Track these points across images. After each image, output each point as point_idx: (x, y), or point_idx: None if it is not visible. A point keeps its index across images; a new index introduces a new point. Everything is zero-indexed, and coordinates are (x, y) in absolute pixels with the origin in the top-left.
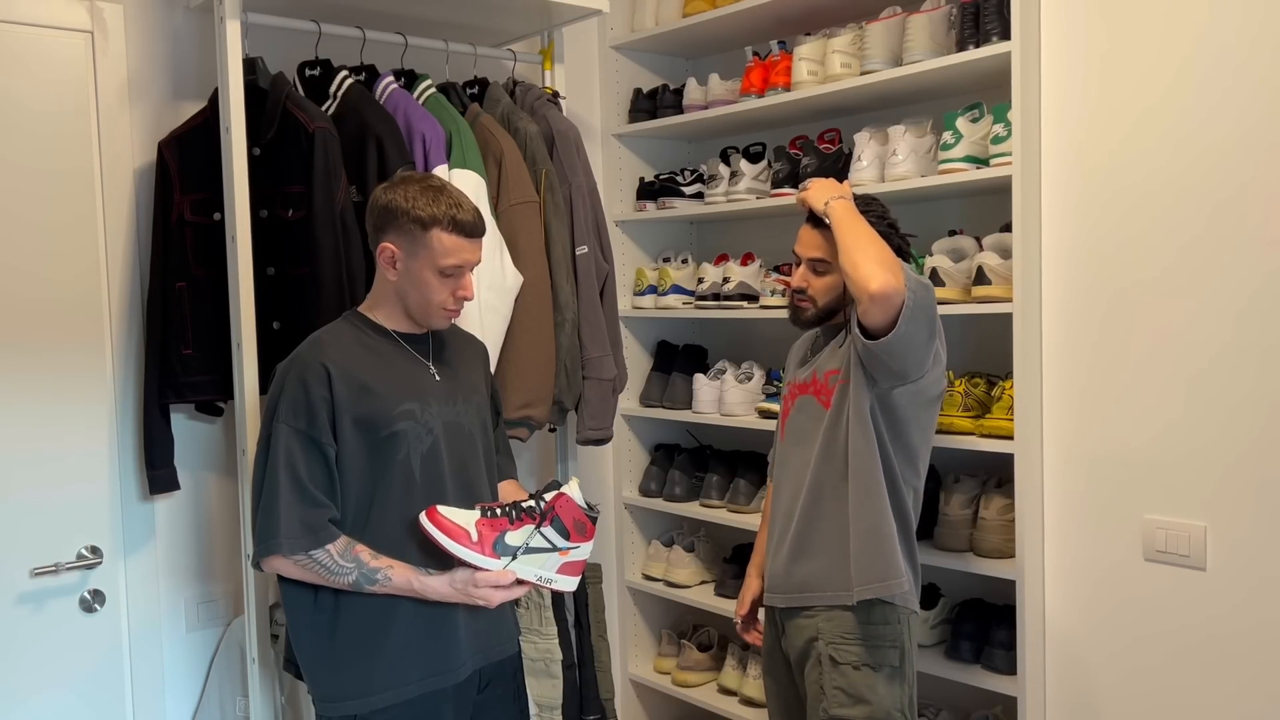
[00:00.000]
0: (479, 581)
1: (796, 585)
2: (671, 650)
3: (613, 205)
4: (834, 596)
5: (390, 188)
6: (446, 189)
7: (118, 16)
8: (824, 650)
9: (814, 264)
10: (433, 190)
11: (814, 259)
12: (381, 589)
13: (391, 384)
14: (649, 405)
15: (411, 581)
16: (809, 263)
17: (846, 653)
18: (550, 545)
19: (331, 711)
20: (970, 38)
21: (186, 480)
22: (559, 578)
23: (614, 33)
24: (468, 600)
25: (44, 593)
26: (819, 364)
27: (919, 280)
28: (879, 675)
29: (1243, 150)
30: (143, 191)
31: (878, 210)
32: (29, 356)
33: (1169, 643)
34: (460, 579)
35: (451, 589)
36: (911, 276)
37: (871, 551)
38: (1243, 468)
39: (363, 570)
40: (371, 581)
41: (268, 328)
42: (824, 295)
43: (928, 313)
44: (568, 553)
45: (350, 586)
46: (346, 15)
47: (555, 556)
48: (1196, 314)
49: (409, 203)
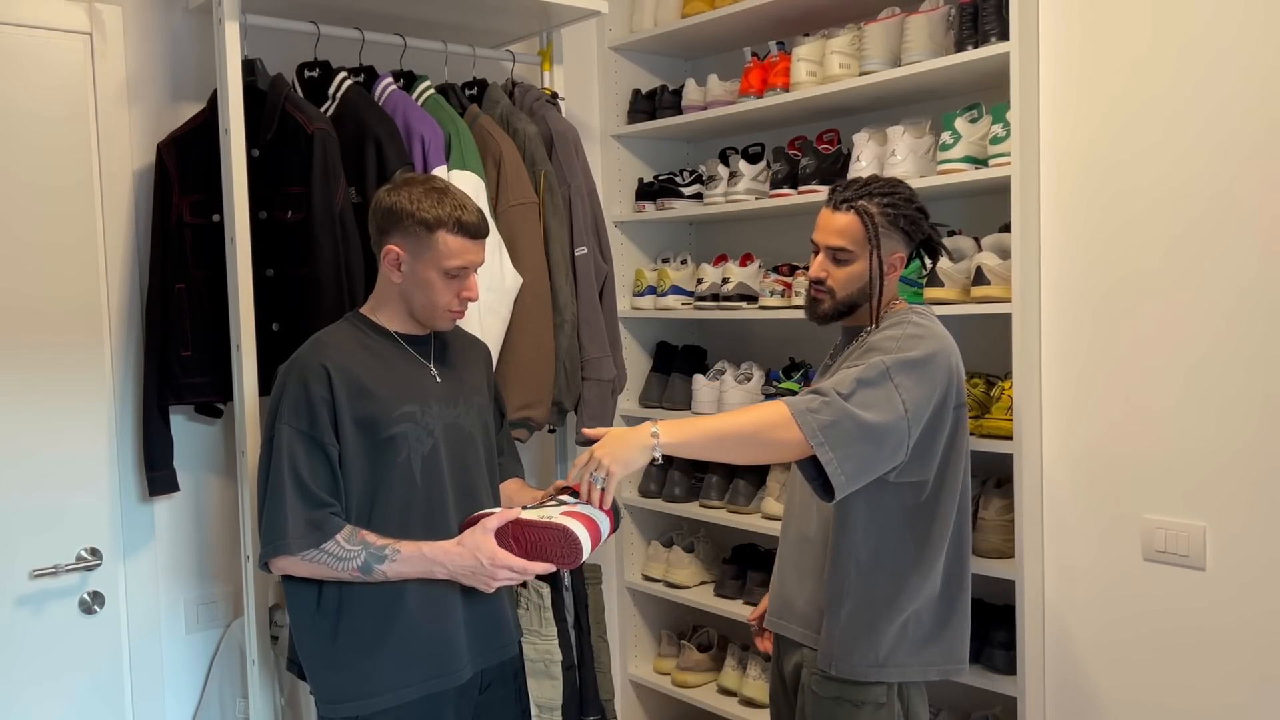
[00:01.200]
0: (486, 528)
1: (781, 610)
2: (671, 651)
3: (612, 206)
4: (814, 637)
5: (394, 190)
6: (450, 190)
7: (116, 18)
8: (807, 680)
9: (834, 252)
10: (437, 192)
11: (834, 247)
12: (390, 566)
13: (391, 386)
14: (648, 406)
15: (421, 548)
16: (828, 251)
17: (828, 687)
18: (560, 503)
19: (333, 713)
20: (969, 38)
21: (186, 482)
22: (564, 519)
23: (613, 34)
24: (473, 564)
25: (43, 594)
26: (821, 380)
27: (842, 399)
28: (861, 712)
29: (1242, 151)
30: (142, 193)
31: (905, 193)
32: (28, 357)
33: (1168, 642)
34: (468, 541)
35: (460, 547)
36: (827, 405)
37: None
38: (1242, 468)
39: (370, 550)
40: (380, 560)
41: (267, 329)
42: (844, 287)
43: (852, 429)
44: (576, 505)
45: (359, 571)
46: (345, 17)
47: (563, 508)
48: (1196, 314)
49: (413, 205)
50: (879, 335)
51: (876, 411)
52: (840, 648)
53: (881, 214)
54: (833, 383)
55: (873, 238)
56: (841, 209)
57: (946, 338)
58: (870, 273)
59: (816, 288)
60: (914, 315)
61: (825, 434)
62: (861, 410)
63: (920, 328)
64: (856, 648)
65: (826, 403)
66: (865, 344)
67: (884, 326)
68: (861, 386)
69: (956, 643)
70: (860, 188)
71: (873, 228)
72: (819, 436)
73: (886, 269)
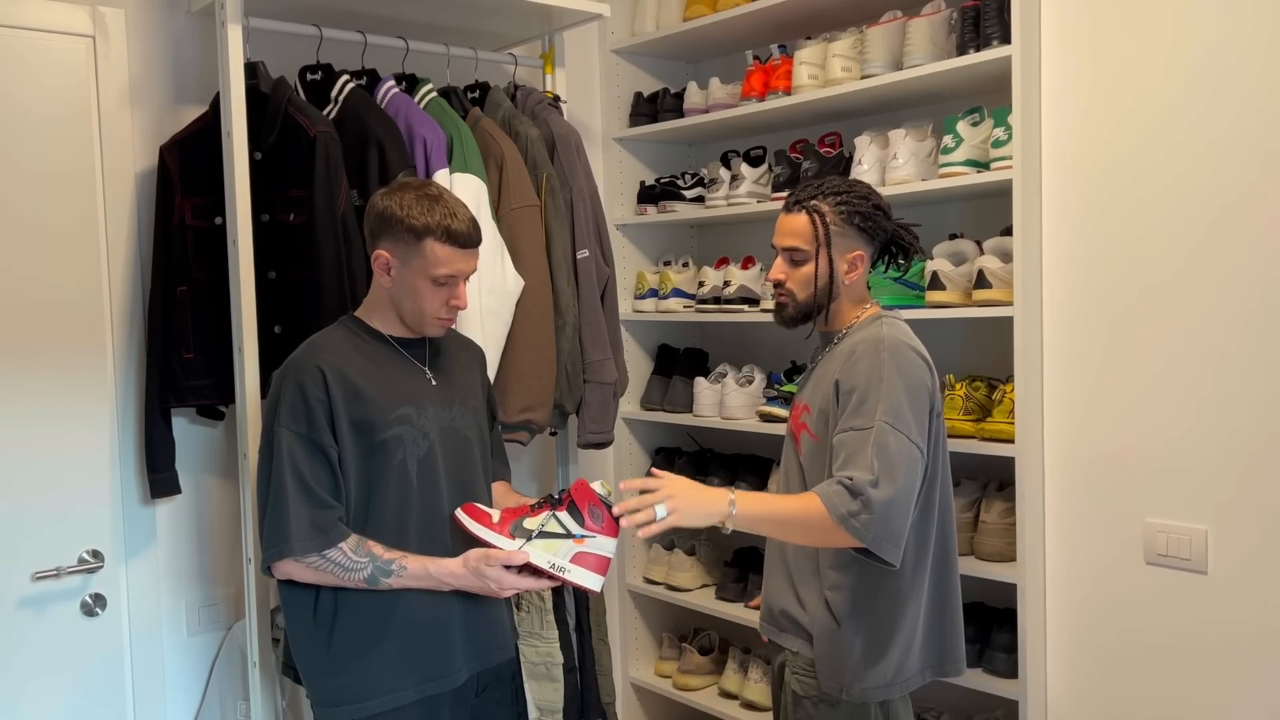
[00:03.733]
0: (491, 560)
1: (766, 614)
2: (672, 654)
3: (613, 209)
4: (797, 641)
5: (388, 194)
6: (443, 197)
7: (119, 21)
8: (789, 679)
9: (790, 253)
10: (429, 199)
11: (789, 248)
12: (396, 580)
13: (386, 389)
14: (650, 408)
15: (427, 566)
16: (784, 253)
17: (808, 685)
18: (565, 531)
19: (329, 717)
20: (971, 41)
21: (188, 484)
22: (574, 568)
23: (614, 37)
24: (479, 581)
25: (45, 597)
26: (804, 389)
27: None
28: (837, 711)
29: (1244, 154)
30: (144, 195)
31: (861, 191)
32: (30, 360)
33: (1170, 646)
34: (473, 558)
35: (464, 568)
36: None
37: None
38: (1244, 470)
39: (377, 564)
40: (386, 574)
41: (269, 331)
42: (803, 288)
43: (892, 512)
44: (583, 541)
45: (364, 582)
46: (348, 20)
47: (570, 544)
48: (1197, 317)
49: (404, 211)
50: (860, 365)
51: (901, 471)
52: (851, 674)
53: (834, 212)
54: (852, 467)
55: (823, 236)
56: (795, 210)
57: (919, 349)
58: (817, 272)
59: (778, 291)
60: (885, 326)
61: (871, 531)
62: (890, 487)
63: (896, 346)
64: (866, 674)
65: (864, 502)
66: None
67: (855, 337)
68: (880, 458)
69: (952, 642)
70: (815, 188)
71: (823, 226)
72: (867, 536)
73: (846, 268)
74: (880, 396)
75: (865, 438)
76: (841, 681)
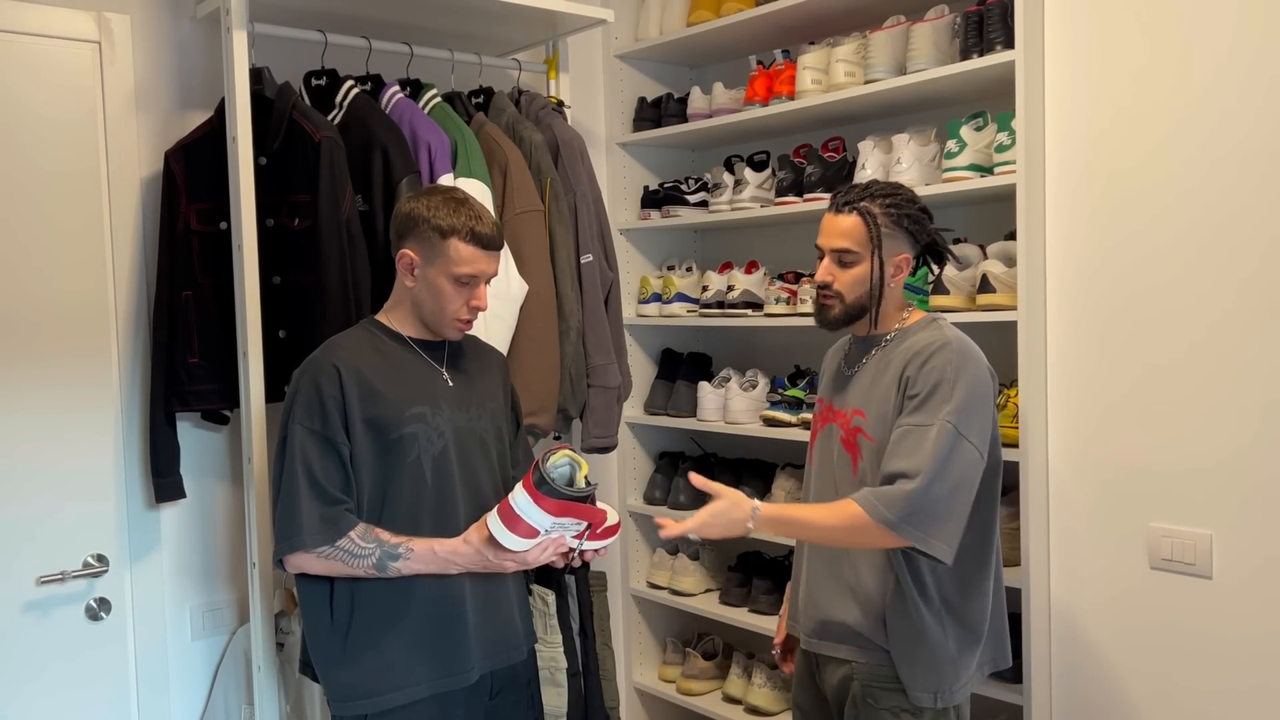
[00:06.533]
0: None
1: (818, 629)
2: (676, 658)
3: (617, 213)
4: (863, 652)
5: (415, 197)
6: (469, 202)
7: (125, 27)
8: (859, 692)
9: (839, 255)
10: (455, 202)
11: (839, 249)
12: (404, 564)
13: (401, 387)
14: (653, 413)
15: (432, 547)
16: (833, 254)
17: (887, 697)
18: None
19: (344, 711)
20: (974, 46)
21: (192, 488)
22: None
23: (618, 42)
24: (482, 559)
25: (50, 601)
26: (849, 394)
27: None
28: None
29: (1249, 158)
30: (149, 200)
31: (907, 194)
32: (35, 364)
33: (1175, 651)
34: (474, 534)
35: (466, 545)
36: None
37: (909, 639)
38: (1248, 475)
39: (384, 548)
40: (394, 558)
41: (273, 336)
42: (852, 289)
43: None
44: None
45: (373, 568)
46: (352, 25)
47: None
48: (1202, 322)
49: (430, 211)
50: (932, 364)
51: (959, 468)
52: (949, 678)
53: (884, 214)
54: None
55: (875, 237)
56: (844, 211)
57: (980, 353)
58: (872, 273)
59: (824, 293)
60: (947, 329)
61: (920, 529)
62: (942, 483)
63: (965, 348)
64: (961, 676)
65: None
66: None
67: (916, 338)
68: (937, 455)
69: (1004, 634)
70: (863, 190)
71: (875, 228)
72: (916, 534)
73: (892, 270)
74: (946, 396)
75: (925, 434)
76: (936, 688)
